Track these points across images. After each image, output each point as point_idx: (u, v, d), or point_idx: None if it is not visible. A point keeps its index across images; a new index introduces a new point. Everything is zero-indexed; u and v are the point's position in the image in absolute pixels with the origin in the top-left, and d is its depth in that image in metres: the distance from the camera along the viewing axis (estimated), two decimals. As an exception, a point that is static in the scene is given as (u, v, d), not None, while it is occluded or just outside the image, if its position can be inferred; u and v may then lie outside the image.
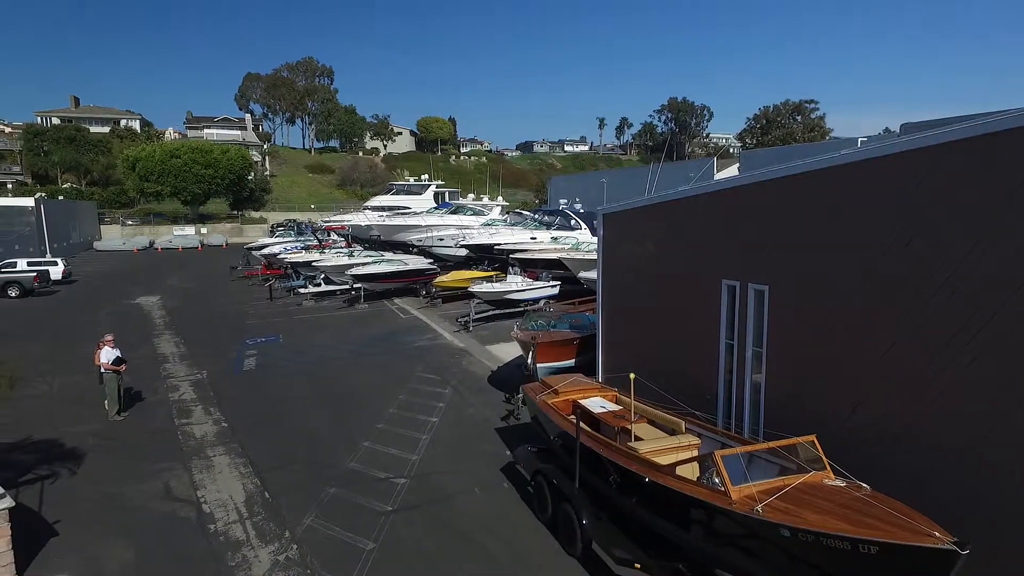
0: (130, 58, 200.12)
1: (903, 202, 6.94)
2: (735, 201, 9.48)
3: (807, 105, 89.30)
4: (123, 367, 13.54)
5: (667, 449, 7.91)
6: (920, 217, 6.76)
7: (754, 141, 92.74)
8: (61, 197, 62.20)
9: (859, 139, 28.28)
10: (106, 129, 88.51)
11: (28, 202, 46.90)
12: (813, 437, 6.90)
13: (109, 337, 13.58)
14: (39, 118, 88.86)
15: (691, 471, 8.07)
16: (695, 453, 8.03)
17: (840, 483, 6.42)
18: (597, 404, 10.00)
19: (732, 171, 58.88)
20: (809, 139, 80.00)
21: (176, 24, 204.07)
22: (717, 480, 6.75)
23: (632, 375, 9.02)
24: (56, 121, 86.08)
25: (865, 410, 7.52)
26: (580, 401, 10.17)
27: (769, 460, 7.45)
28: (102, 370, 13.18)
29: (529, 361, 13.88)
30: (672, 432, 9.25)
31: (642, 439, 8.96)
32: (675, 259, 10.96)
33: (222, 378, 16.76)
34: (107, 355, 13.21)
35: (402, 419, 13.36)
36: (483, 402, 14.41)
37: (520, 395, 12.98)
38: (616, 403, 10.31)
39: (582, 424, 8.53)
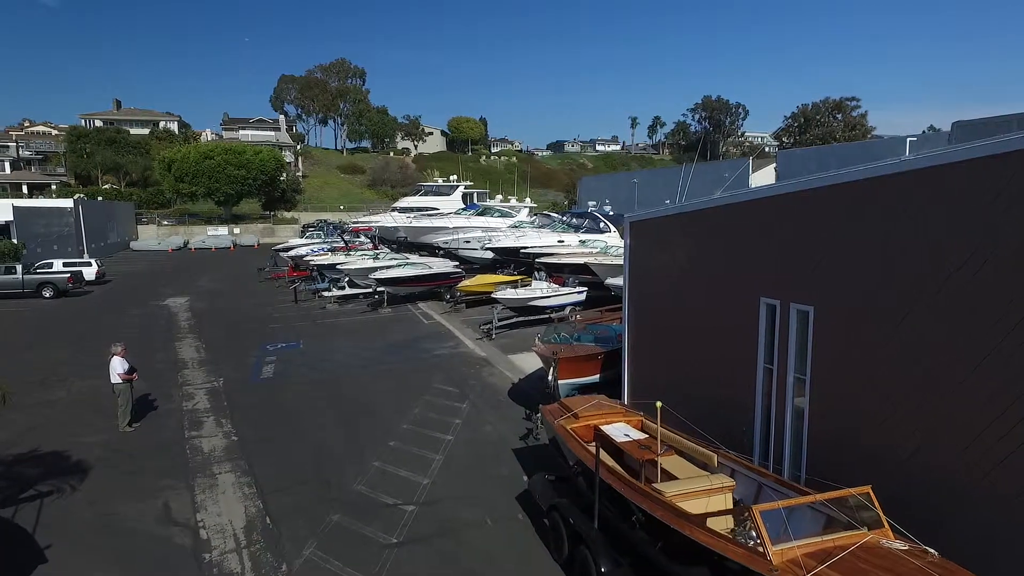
0: (171, 61, 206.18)
1: (977, 217, 5.96)
2: (776, 211, 8.54)
3: (848, 102, 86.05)
4: (134, 376, 13.25)
5: (697, 492, 7.05)
6: (996, 235, 5.77)
7: (791, 140, 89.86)
8: (100, 198, 63.75)
9: (908, 138, 26.65)
10: (146, 131, 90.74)
11: (67, 203, 48.06)
12: (868, 489, 5.98)
13: (120, 348, 13.29)
14: (83, 120, 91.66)
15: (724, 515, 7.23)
16: (729, 497, 7.16)
17: (901, 546, 5.50)
18: (620, 432, 9.19)
19: (769, 171, 57.06)
20: (850, 138, 77.05)
21: (215, 27, 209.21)
22: (754, 534, 5.90)
23: (659, 403, 8.18)
24: (99, 123, 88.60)
25: (929, 455, 6.55)
26: (602, 427, 9.39)
27: (813, 507, 6.56)
28: (112, 380, 12.90)
29: (550, 377, 13.09)
30: (703, 466, 8.40)
31: (670, 473, 8.14)
32: (708, 273, 10.04)
33: (238, 386, 16.43)
34: (120, 365, 12.92)
35: (416, 436, 12.73)
36: (501, 418, 13.69)
37: (539, 415, 12.24)
38: (642, 430, 9.48)
39: (602, 457, 7.74)
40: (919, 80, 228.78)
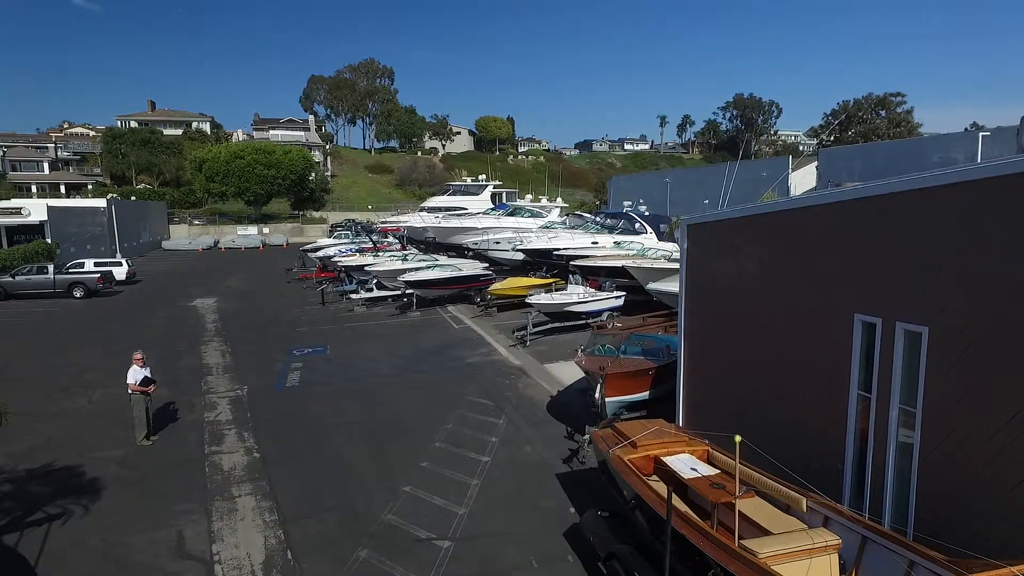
0: (204, 63, 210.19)
1: None
2: (878, 213, 7.28)
3: (893, 98, 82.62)
4: (152, 388, 12.51)
5: (798, 552, 5.86)
6: None
7: (831, 138, 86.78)
8: (133, 198, 64.48)
9: (980, 134, 24.74)
10: (179, 131, 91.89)
11: (100, 203, 48.42)
12: (1032, 566, 4.75)
13: (138, 355, 12.56)
14: (119, 121, 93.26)
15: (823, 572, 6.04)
16: (835, 558, 5.96)
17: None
18: (686, 465, 8.02)
19: (810, 170, 54.89)
20: (894, 135, 73.96)
21: (246, 29, 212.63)
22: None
23: (737, 437, 7.00)
24: (134, 124, 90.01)
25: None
26: (664, 459, 8.24)
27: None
28: (129, 391, 12.18)
29: (596, 395, 11.92)
30: (786, 509, 7.23)
31: (750, 519, 6.98)
32: (786, 284, 8.80)
33: (263, 395, 15.65)
34: (134, 375, 12.19)
35: (449, 456, 11.72)
36: (542, 437, 12.60)
37: (586, 437, 11.13)
38: (708, 462, 8.31)
39: (674, 503, 6.59)
40: (937, 79, 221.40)
